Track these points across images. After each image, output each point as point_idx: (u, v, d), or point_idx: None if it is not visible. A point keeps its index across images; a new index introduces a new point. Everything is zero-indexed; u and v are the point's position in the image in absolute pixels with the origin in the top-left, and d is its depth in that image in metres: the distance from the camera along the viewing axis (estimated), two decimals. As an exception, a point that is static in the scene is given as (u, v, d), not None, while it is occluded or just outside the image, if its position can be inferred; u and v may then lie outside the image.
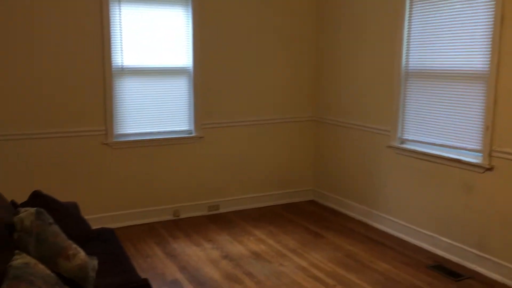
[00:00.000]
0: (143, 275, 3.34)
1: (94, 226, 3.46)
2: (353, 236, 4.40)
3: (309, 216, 4.93)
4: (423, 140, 4.11)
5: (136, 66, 4.45)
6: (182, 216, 4.82)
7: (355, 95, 4.80)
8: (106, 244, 2.98)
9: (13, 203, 2.83)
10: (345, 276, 3.60)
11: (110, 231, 3.21)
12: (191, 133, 4.79)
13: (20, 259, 2.01)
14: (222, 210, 5.01)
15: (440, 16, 3.87)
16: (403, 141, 4.33)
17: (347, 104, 4.92)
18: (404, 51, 4.21)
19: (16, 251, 2.13)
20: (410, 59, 4.18)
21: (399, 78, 4.26)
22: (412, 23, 4.13)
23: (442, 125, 3.93)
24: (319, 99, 5.31)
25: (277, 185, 5.30)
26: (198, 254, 3.98)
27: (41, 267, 2.05)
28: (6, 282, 1.81)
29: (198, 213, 4.90)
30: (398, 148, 4.33)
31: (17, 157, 4.08)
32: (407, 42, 4.19)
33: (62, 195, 3.83)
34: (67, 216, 2.96)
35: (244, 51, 4.90)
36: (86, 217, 3.27)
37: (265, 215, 4.96)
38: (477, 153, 3.67)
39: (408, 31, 4.16)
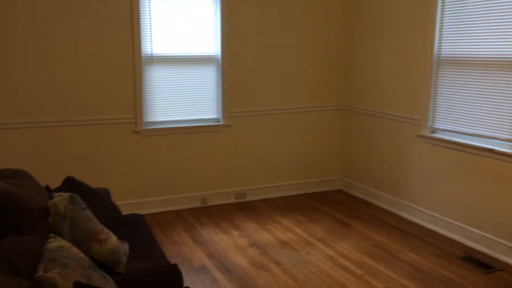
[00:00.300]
0: (172, 260, 3.39)
1: (125, 212, 3.53)
2: (381, 226, 4.36)
3: (336, 206, 4.91)
4: (454, 130, 4.03)
5: (165, 55, 4.48)
6: (210, 203, 4.86)
7: (385, 83, 4.72)
8: (137, 230, 3.04)
9: (47, 188, 2.90)
10: (373, 266, 3.57)
11: (141, 217, 3.27)
12: (218, 122, 4.81)
13: (55, 242, 2.07)
14: (249, 198, 5.03)
15: (475, 1, 3.76)
16: (434, 130, 4.25)
17: (376, 92, 4.85)
18: (436, 38, 4.11)
19: (51, 235, 2.20)
20: (443, 46, 4.07)
21: (431, 66, 4.17)
22: (445, 8, 4.02)
23: (475, 114, 3.83)
24: (347, 87, 5.25)
25: (304, 174, 5.28)
26: (226, 241, 4.02)
27: (75, 250, 2.11)
28: (42, 264, 1.86)
29: (226, 201, 4.94)
30: (429, 138, 4.25)
31: (51, 144, 4.18)
32: (439, 28, 4.08)
33: (93, 181, 3.91)
34: (99, 201, 3.02)
35: (272, 39, 4.87)
36: (116, 203, 3.33)
37: (292, 204, 4.95)
38: (510, 143, 3.57)
39: (441, 16, 4.06)
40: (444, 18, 4.03)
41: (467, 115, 3.91)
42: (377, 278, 3.39)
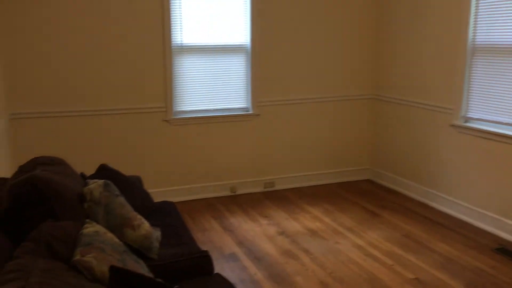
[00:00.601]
0: (201, 248, 3.44)
1: (156, 199, 3.60)
2: (411, 216, 4.31)
3: (366, 195, 4.87)
4: (488, 119, 3.93)
5: (195, 44, 4.51)
6: (239, 192, 4.90)
7: (416, 71, 4.63)
8: (168, 217, 3.09)
9: (82, 175, 2.99)
10: (403, 256, 3.54)
11: (172, 204, 3.33)
12: (247, 111, 4.83)
13: (91, 227, 2.14)
14: (277, 187, 5.05)
15: (512, -13, 3.64)
16: (467, 120, 4.16)
17: (407, 81, 4.77)
18: (471, 25, 4.00)
19: (87, 220, 2.26)
20: (478, 33, 3.96)
21: (464, 54, 4.07)
22: (481, -5, 3.91)
23: (510, 103, 3.73)
24: (378, 76, 5.17)
25: (333, 164, 5.26)
26: (255, 229, 4.05)
27: (110, 235, 2.17)
28: (78, 248, 1.93)
29: (254, 190, 4.97)
30: (462, 127, 4.16)
31: (85, 132, 4.28)
32: (474, 15, 3.97)
33: (126, 169, 4.01)
34: (131, 188, 3.09)
35: (302, 27, 4.84)
36: (148, 190, 3.40)
37: (321, 193, 4.95)
38: (549, 133, 3.46)
39: (476, 3, 3.94)
40: (480, 5, 3.92)
41: (501, 104, 3.80)
42: (407, 269, 3.36)
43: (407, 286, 3.15)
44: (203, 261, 2.52)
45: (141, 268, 2.12)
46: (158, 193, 4.49)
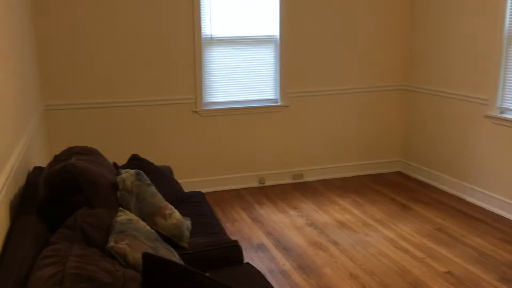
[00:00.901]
0: (231, 238, 3.47)
1: (185, 190, 3.63)
2: (443, 209, 4.23)
3: (396, 188, 4.80)
4: (526, 110, 3.81)
5: (224, 36, 4.52)
6: (267, 183, 4.91)
7: (450, 61, 4.52)
8: (198, 207, 3.13)
9: (114, 165, 3.04)
10: (435, 249, 3.49)
11: (201, 195, 3.36)
12: (276, 102, 4.82)
13: (124, 215, 2.18)
14: (306, 179, 5.03)
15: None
16: (503, 111, 4.04)
17: (440, 71, 4.66)
18: (507, 13, 3.87)
19: (120, 208, 2.31)
20: (515, 21, 3.83)
21: (501, 43, 3.94)
22: (519, -19, 3.77)
23: (550, 93, 3.60)
24: (409, 67, 5.07)
25: (362, 156, 5.20)
26: (283, 220, 4.05)
27: (142, 223, 2.21)
28: (112, 235, 1.97)
29: (283, 181, 4.96)
30: (497, 118, 4.04)
31: (117, 123, 4.36)
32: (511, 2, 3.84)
33: (156, 159, 4.06)
34: (162, 178, 3.13)
35: (332, 17, 4.78)
36: (178, 181, 3.44)
37: (350, 185, 4.90)
38: None
39: (514, -10, 3.81)
40: (518, -9, 3.79)
41: (541, 94, 3.68)
42: (439, 262, 3.31)
43: (438, 279, 3.10)
44: (233, 250, 2.54)
45: (173, 256, 2.15)
46: (187, 183, 4.53)
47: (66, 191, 2.25)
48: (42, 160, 3.60)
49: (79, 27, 4.11)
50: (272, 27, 4.65)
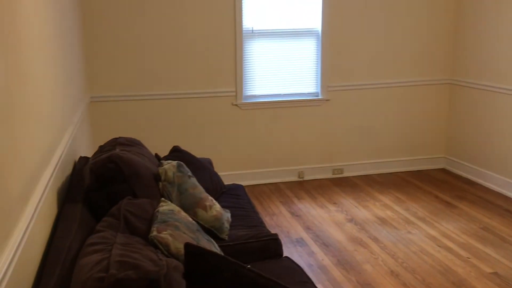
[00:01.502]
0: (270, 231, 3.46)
1: (225, 182, 3.65)
2: (490, 208, 4.08)
3: (440, 185, 4.67)
4: None
5: (265, 29, 4.50)
6: (307, 178, 4.87)
7: (497, 55, 4.33)
8: (238, 199, 3.13)
9: (156, 156, 3.09)
10: (481, 249, 3.37)
11: (241, 188, 3.37)
12: (317, 96, 4.76)
13: (166, 206, 2.21)
14: (346, 174, 4.96)
15: None
16: (557, 106, 3.84)
17: (486, 65, 4.47)
18: None
19: (162, 199, 2.34)
20: None
21: (556, 34, 3.74)
22: None
23: None
24: (455, 60, 4.90)
25: (405, 151, 5.08)
26: (323, 215, 4.02)
27: (183, 214, 2.23)
28: (155, 225, 1.99)
29: (322, 176, 4.91)
30: (551, 114, 3.85)
31: (159, 115, 4.43)
32: None
33: (197, 151, 4.09)
34: (203, 170, 3.16)
35: (375, 10, 4.67)
36: (218, 173, 3.46)
37: (392, 181, 4.80)
38: None
39: None
40: None
41: None
42: (484, 262, 3.19)
43: (484, 280, 2.99)
44: (273, 244, 2.54)
45: (214, 248, 2.17)
46: (227, 176, 4.55)
47: (111, 180, 2.30)
48: (87, 150, 3.70)
49: (123, 22, 4.19)
50: (314, 20, 4.60)
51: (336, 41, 4.65)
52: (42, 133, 2.17)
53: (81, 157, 3.00)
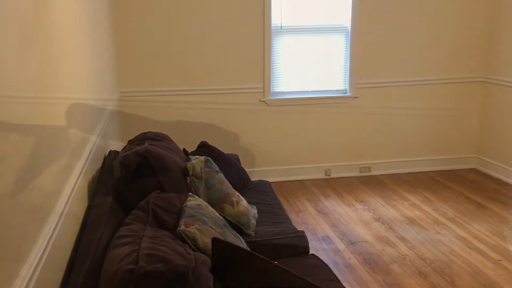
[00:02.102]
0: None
1: (251, 178, 3.65)
2: (523, 210, 3.97)
3: (471, 185, 4.56)
4: None
5: (293, 25, 4.48)
6: (333, 175, 4.83)
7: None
8: (264, 196, 3.13)
9: (184, 151, 3.12)
10: (513, 252, 3.28)
11: (267, 184, 3.36)
12: (345, 93, 4.71)
13: (193, 201, 2.22)
14: (374, 172, 4.90)
15: None
16: None
17: (525, 62, 4.34)
18: None
19: (190, 193, 2.36)
20: None
21: None
22: None
23: None
24: (489, 57, 4.77)
25: (434, 150, 4.98)
26: (349, 213, 3.98)
27: (211, 209, 2.24)
28: (183, 219, 2.01)
29: (349, 174, 4.86)
30: None
31: (187, 111, 4.46)
32: None
33: (223, 147, 4.10)
34: (230, 166, 3.17)
35: (406, 7, 4.59)
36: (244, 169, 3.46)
37: (421, 180, 4.71)
38: None
39: None
40: None
41: None
42: (517, 266, 3.11)
43: (516, 284, 2.91)
44: (299, 241, 2.53)
45: (240, 243, 2.17)
46: (253, 172, 4.56)
47: (140, 174, 2.33)
48: (117, 144, 3.76)
49: (153, 19, 4.23)
50: (343, 16, 4.54)
51: (366, 38, 4.59)
52: (74, 127, 2.21)
53: (111, 151, 3.05)
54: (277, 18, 4.43)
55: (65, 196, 1.86)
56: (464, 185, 4.57)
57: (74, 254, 1.86)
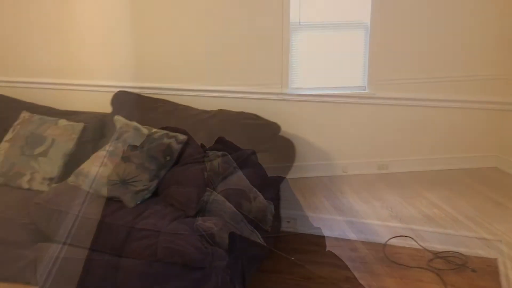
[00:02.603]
0: (313, 225, 3.44)
1: (268, 174, 3.65)
2: (545, 210, 3.89)
3: (491, 184, 4.49)
4: None
5: (312, 21, 4.45)
6: (350, 172, 4.80)
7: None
8: (281, 192, 3.13)
9: (202, 147, 3.13)
10: (534, 252, 3.22)
11: (284, 180, 3.36)
12: (364, 89, 4.67)
13: (211, 196, 2.23)
14: (391, 170, 4.85)
15: None
16: None
17: (549, 59, 4.24)
18: None
19: (207, 188, 2.37)
20: None
21: None
22: None
23: None
24: (510, 54, 4.68)
25: (454, 148, 4.91)
26: (366, 211, 3.95)
27: (228, 204, 2.25)
28: (200, 214, 2.02)
29: (367, 171, 4.83)
30: None
31: (205, 107, 4.47)
32: None
33: (241, 143, 4.10)
34: (247, 162, 3.16)
35: (426, 2, 4.52)
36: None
37: (439, 178, 4.65)
38: None
39: None
40: None
41: None
42: (538, 266, 3.05)
43: (537, 285, 2.86)
44: (316, 237, 2.52)
45: (257, 239, 2.18)
46: (270, 168, 4.55)
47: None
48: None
49: (171, 15, 4.25)
50: (362, 12, 4.50)
51: (385, 34, 4.54)
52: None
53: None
54: (295, 14, 4.41)
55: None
56: (484, 183, 4.50)
57: (95, 241, 1.88)
